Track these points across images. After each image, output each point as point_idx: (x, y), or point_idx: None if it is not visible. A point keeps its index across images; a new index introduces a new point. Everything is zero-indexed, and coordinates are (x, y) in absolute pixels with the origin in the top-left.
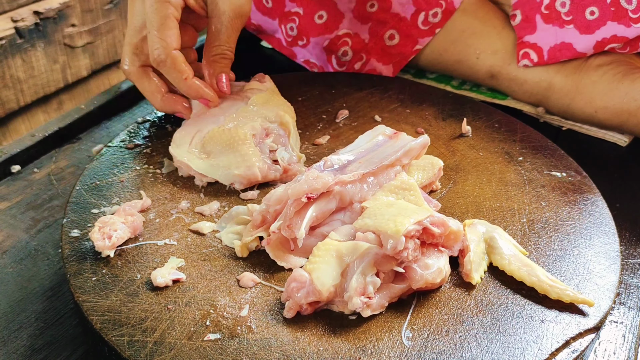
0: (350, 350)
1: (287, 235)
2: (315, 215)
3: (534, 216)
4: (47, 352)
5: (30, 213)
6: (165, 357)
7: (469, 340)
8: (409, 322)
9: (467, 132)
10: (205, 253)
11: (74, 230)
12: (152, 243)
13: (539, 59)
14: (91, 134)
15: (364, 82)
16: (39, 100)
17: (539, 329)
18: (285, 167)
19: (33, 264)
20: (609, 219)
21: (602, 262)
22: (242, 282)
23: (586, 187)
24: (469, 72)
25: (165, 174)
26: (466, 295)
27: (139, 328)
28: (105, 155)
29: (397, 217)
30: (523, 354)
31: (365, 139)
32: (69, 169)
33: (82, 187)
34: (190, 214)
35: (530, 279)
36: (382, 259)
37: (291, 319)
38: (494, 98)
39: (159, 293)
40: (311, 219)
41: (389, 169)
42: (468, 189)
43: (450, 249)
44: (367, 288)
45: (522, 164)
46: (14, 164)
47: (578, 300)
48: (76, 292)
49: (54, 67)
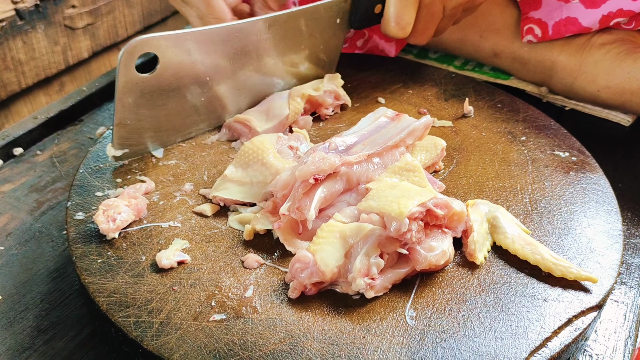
0: (355, 329)
1: (297, 217)
2: (324, 197)
3: (537, 196)
4: (53, 333)
5: (33, 195)
6: (172, 337)
7: (472, 319)
8: (413, 302)
9: (470, 113)
10: (210, 235)
11: (78, 213)
12: (157, 225)
13: (543, 34)
14: (93, 116)
15: (365, 63)
16: (41, 83)
17: (541, 307)
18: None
19: (37, 246)
20: (611, 198)
21: (604, 241)
22: (246, 263)
23: (589, 166)
24: (472, 50)
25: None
26: (469, 274)
27: (145, 309)
28: (108, 138)
29: (401, 199)
30: (526, 332)
31: (367, 121)
32: (72, 151)
33: (85, 170)
34: (194, 196)
35: (534, 257)
36: (386, 240)
37: (295, 299)
38: (497, 78)
39: (164, 274)
40: (320, 199)
41: (394, 150)
42: (471, 169)
43: (454, 230)
44: (370, 269)
45: (525, 144)
46: (17, 146)
47: (582, 277)
48: (82, 274)
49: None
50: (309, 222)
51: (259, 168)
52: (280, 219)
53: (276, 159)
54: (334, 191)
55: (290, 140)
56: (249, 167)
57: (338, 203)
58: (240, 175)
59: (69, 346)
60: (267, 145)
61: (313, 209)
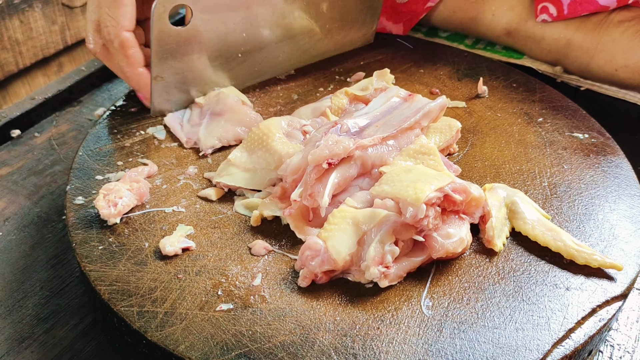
0: (369, 320)
1: (309, 204)
2: (338, 182)
3: (556, 179)
4: (53, 321)
5: (32, 179)
6: (177, 328)
7: (491, 309)
8: (429, 291)
9: (484, 93)
10: (215, 220)
11: (78, 197)
12: (160, 210)
13: (558, 13)
14: (92, 96)
15: (374, 41)
16: (39, 63)
17: (564, 297)
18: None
19: (37, 231)
20: (634, 181)
21: (627, 226)
22: (253, 250)
23: (609, 148)
24: (484, 29)
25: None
26: (487, 262)
27: (149, 298)
28: (107, 119)
29: (417, 184)
30: (548, 323)
31: (379, 102)
32: (71, 133)
33: (85, 153)
34: (198, 179)
35: (555, 244)
36: (401, 227)
37: (306, 288)
38: (510, 57)
39: (168, 262)
40: (334, 185)
41: (409, 132)
42: (486, 152)
43: (472, 215)
44: (385, 257)
45: (542, 125)
46: (14, 128)
47: (606, 264)
48: (83, 261)
49: (52, 28)
50: (322, 210)
51: (263, 154)
52: (291, 206)
53: (282, 144)
54: (348, 176)
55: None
56: (254, 152)
57: (350, 188)
58: (244, 161)
59: (70, 335)
60: (272, 130)
61: (327, 195)
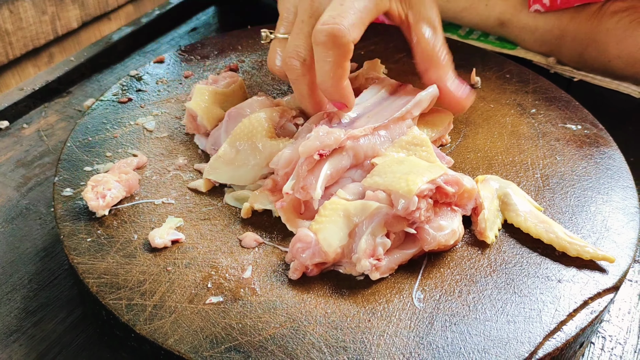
0: (360, 312)
1: (302, 197)
2: (330, 174)
3: (549, 171)
4: (42, 314)
5: (20, 170)
6: (166, 321)
7: (482, 301)
8: (420, 283)
9: (477, 83)
10: (205, 212)
11: (66, 189)
12: (149, 202)
13: (551, 3)
14: (82, 87)
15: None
16: (29, 54)
17: (555, 289)
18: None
19: (25, 224)
20: (627, 173)
21: (620, 218)
22: (244, 243)
23: (602, 140)
24: (478, 19)
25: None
26: (479, 254)
27: (138, 291)
28: (97, 110)
29: (409, 176)
30: (539, 315)
31: (370, 93)
32: (60, 124)
33: (73, 144)
34: (188, 171)
35: (547, 236)
36: (393, 219)
37: (296, 281)
38: (503, 48)
39: (158, 254)
40: (326, 177)
41: (400, 122)
42: (479, 143)
43: (464, 207)
44: (376, 249)
45: (535, 116)
46: (2, 119)
47: (598, 256)
48: (70, 254)
49: (42, 18)
50: (314, 202)
51: (251, 153)
52: (283, 198)
53: (267, 142)
54: (341, 167)
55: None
56: (241, 150)
57: (342, 180)
58: (232, 158)
59: (59, 328)
60: (258, 127)
61: (319, 187)
